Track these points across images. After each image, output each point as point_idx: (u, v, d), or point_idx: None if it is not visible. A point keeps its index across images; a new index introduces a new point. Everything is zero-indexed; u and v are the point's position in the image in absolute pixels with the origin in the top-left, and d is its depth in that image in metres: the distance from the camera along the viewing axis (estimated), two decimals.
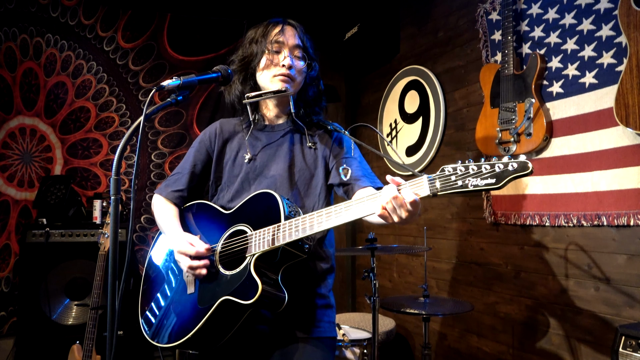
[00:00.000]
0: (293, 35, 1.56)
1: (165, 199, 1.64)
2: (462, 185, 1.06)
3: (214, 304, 1.36)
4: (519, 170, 1.02)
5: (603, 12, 2.21)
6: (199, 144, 1.67)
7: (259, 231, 1.37)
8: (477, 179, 1.05)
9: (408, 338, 3.57)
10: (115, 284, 1.08)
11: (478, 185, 1.04)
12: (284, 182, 1.52)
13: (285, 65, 1.52)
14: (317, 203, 1.54)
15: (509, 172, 1.03)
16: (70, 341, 2.68)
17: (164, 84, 1.24)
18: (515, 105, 2.50)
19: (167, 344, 1.44)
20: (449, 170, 1.08)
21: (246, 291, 1.31)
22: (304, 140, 1.59)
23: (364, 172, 1.53)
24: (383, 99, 3.90)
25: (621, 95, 2.02)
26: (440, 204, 3.27)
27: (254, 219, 1.42)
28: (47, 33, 3.67)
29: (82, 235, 3.21)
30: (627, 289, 2.11)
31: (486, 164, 1.05)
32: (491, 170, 1.04)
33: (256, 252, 1.35)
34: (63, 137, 3.72)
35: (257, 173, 1.56)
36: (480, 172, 1.04)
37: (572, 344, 2.33)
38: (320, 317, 1.51)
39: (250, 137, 1.61)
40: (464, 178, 1.06)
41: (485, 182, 1.04)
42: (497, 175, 1.03)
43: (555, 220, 2.40)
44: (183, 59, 4.01)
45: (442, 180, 1.09)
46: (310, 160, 1.57)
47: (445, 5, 3.28)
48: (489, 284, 2.84)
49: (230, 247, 1.44)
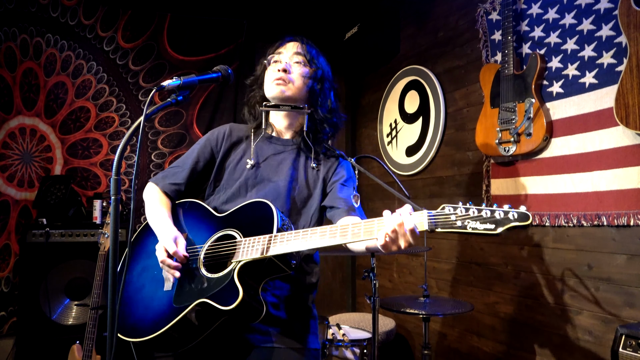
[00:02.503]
0: (294, 46, 1.59)
1: (161, 189, 1.61)
2: (460, 226, 1.08)
3: (190, 304, 1.34)
4: (518, 220, 1.04)
5: (603, 12, 2.21)
6: (205, 142, 1.66)
7: (249, 239, 1.36)
8: (476, 223, 1.07)
9: (408, 338, 3.57)
10: (115, 284, 1.08)
11: (477, 228, 1.07)
12: (282, 195, 1.53)
13: (280, 70, 1.54)
14: (309, 223, 1.55)
15: (509, 220, 1.04)
16: (70, 341, 2.68)
17: (164, 84, 1.24)
18: (515, 105, 2.50)
19: (134, 338, 1.40)
20: (449, 210, 1.10)
21: (226, 297, 1.29)
22: (308, 159, 1.60)
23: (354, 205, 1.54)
24: (383, 99, 3.90)
25: (621, 95, 2.02)
26: (440, 204, 3.26)
27: (245, 225, 1.41)
28: (47, 33, 3.67)
29: (82, 235, 3.20)
30: (627, 289, 2.11)
31: (487, 209, 1.07)
32: (491, 217, 1.06)
33: (243, 259, 1.33)
34: (63, 137, 3.72)
35: (257, 181, 1.56)
36: (480, 216, 1.07)
37: (572, 344, 2.33)
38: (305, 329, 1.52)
39: (257, 145, 1.62)
40: (464, 219, 1.08)
41: (484, 227, 1.06)
42: (497, 222, 1.05)
43: (555, 220, 2.40)
44: (183, 59, 4.00)
45: (442, 218, 1.11)
46: (311, 180, 1.58)
47: (445, 5, 3.28)
48: (489, 284, 2.84)
49: (217, 251, 1.43)
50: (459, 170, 3.11)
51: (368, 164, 4.02)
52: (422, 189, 3.46)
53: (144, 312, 1.45)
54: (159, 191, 1.61)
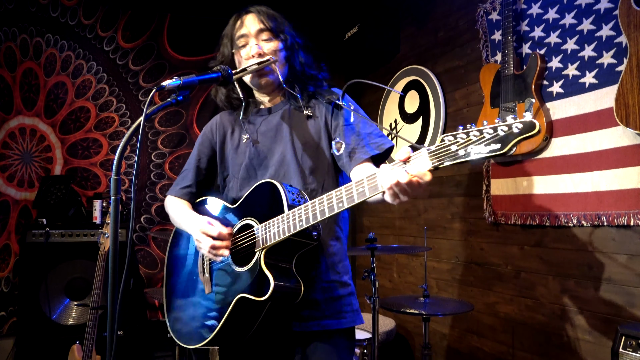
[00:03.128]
0: (254, 22, 1.52)
1: (175, 197, 1.65)
2: (464, 154, 0.97)
3: (230, 302, 1.36)
4: (524, 132, 0.92)
5: (603, 12, 2.21)
6: (202, 138, 1.67)
7: (265, 224, 1.35)
8: (480, 146, 0.95)
9: (408, 338, 3.57)
10: (115, 284, 1.08)
11: (481, 152, 0.95)
12: (290, 164, 1.49)
13: (253, 55, 1.49)
14: (327, 176, 1.50)
15: (514, 134, 0.92)
16: (70, 341, 2.68)
17: (164, 84, 1.24)
18: (515, 105, 2.50)
19: (193, 345, 1.45)
20: (449, 140, 0.99)
21: (259, 287, 1.30)
22: (301, 112, 1.55)
23: (359, 143, 1.45)
24: (383, 98, 3.90)
25: (621, 95, 2.02)
26: (440, 204, 3.27)
27: (258, 211, 1.40)
28: (47, 33, 3.67)
29: (82, 235, 3.21)
30: (627, 289, 2.11)
31: (489, 127, 0.95)
32: (494, 135, 0.94)
33: (264, 246, 1.33)
34: (63, 137, 3.72)
35: (261, 158, 1.54)
36: (483, 137, 0.95)
37: (572, 344, 2.33)
38: (341, 307, 1.48)
39: (249, 121, 1.60)
40: (466, 146, 0.97)
41: (490, 149, 0.94)
42: (502, 140, 0.93)
43: (555, 220, 2.40)
44: (183, 59, 4.01)
45: (443, 151, 1.00)
46: (313, 131, 1.52)
47: (445, 5, 3.28)
48: (489, 284, 2.84)
49: (240, 243, 1.43)
50: (459, 170, 3.11)
51: None
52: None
53: (193, 319, 1.49)
54: (174, 198, 1.65)
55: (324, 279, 1.47)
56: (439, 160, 1.00)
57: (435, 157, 1.01)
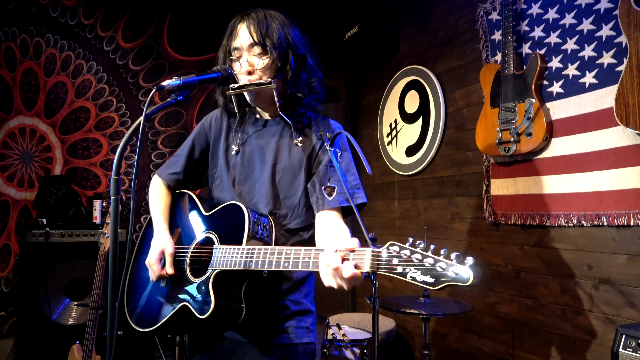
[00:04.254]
0: (247, 34, 1.45)
1: (163, 180, 1.65)
2: (401, 272, 1.02)
3: (176, 306, 1.40)
4: (457, 280, 0.97)
5: (603, 12, 2.21)
6: (199, 129, 1.66)
7: (223, 248, 1.36)
8: (417, 272, 1.00)
9: (408, 338, 3.57)
10: (115, 284, 1.08)
11: (415, 279, 1.00)
12: (265, 184, 1.50)
13: (243, 73, 1.45)
14: (297, 207, 1.50)
15: (447, 278, 0.97)
16: (70, 341, 2.68)
17: (164, 84, 1.24)
18: (516, 105, 2.50)
19: (140, 328, 1.49)
20: (394, 250, 1.04)
21: (202, 305, 1.33)
22: (291, 136, 1.52)
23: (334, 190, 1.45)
24: (383, 99, 3.90)
25: (621, 95, 2.02)
26: (440, 204, 3.27)
27: (222, 230, 1.43)
28: (47, 33, 3.67)
29: (82, 235, 3.20)
30: (627, 289, 2.11)
31: (430, 257, 1.00)
32: (431, 268, 0.99)
33: (216, 269, 1.35)
34: (63, 137, 3.72)
35: (243, 168, 1.54)
36: (422, 265, 1.00)
37: (572, 344, 2.33)
38: (290, 323, 1.49)
39: (241, 130, 1.59)
40: (405, 266, 1.02)
41: (423, 280, 0.99)
42: (436, 276, 0.98)
43: (555, 220, 2.40)
44: (183, 59, 4.01)
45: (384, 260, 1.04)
46: (295, 159, 1.50)
47: (445, 5, 3.28)
48: (489, 284, 2.84)
49: (198, 255, 1.45)
50: (459, 170, 3.11)
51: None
52: (422, 189, 3.46)
53: (147, 303, 1.52)
54: (161, 183, 1.66)
55: (278, 299, 1.49)
56: (378, 268, 1.05)
57: (375, 262, 1.05)
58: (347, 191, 1.36)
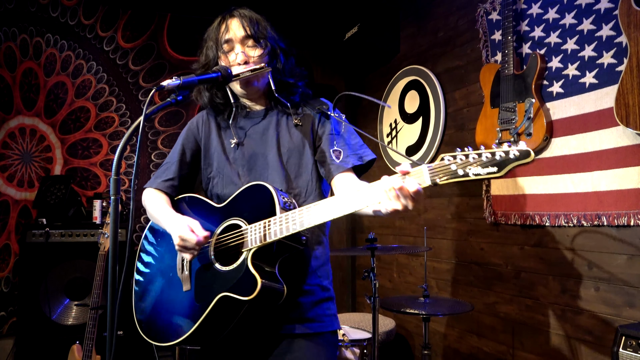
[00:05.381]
0: (239, 27, 1.52)
1: (156, 189, 1.60)
2: (463, 174, 1.05)
3: (212, 300, 1.36)
4: (520, 158, 1.03)
5: (603, 12, 2.21)
6: (186, 133, 1.65)
7: (254, 225, 1.35)
8: (478, 168, 1.04)
9: (408, 338, 3.57)
10: (115, 284, 1.08)
11: (479, 173, 1.04)
12: (274, 167, 1.51)
13: (240, 64, 1.49)
14: (310, 183, 1.52)
15: (510, 160, 1.03)
16: (70, 341, 2.68)
17: (164, 83, 1.24)
18: (516, 105, 2.50)
19: (165, 343, 1.43)
20: (448, 159, 1.06)
21: (245, 287, 1.30)
22: (289, 119, 1.57)
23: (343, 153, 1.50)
24: (383, 98, 3.90)
25: (621, 95, 2.02)
26: (440, 204, 3.27)
27: (247, 212, 1.41)
28: (47, 33, 3.67)
29: (82, 235, 3.20)
30: (627, 289, 2.11)
31: (487, 152, 1.04)
32: (492, 159, 1.03)
33: (252, 247, 1.34)
34: (63, 137, 3.72)
35: (246, 159, 1.54)
36: (481, 160, 1.04)
37: (572, 344, 2.33)
38: (322, 310, 1.49)
39: (236, 124, 1.59)
40: (465, 167, 1.05)
41: (487, 171, 1.03)
42: (499, 164, 1.03)
43: (555, 220, 2.40)
44: (183, 59, 4.01)
45: (442, 169, 1.07)
46: (297, 139, 1.54)
47: (445, 5, 3.28)
48: (489, 284, 2.84)
49: (225, 242, 1.42)
50: None
51: None
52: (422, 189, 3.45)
53: (168, 316, 1.47)
54: (155, 191, 1.61)
55: (307, 282, 1.48)
56: (438, 177, 1.08)
57: (434, 174, 1.08)
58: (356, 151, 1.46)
